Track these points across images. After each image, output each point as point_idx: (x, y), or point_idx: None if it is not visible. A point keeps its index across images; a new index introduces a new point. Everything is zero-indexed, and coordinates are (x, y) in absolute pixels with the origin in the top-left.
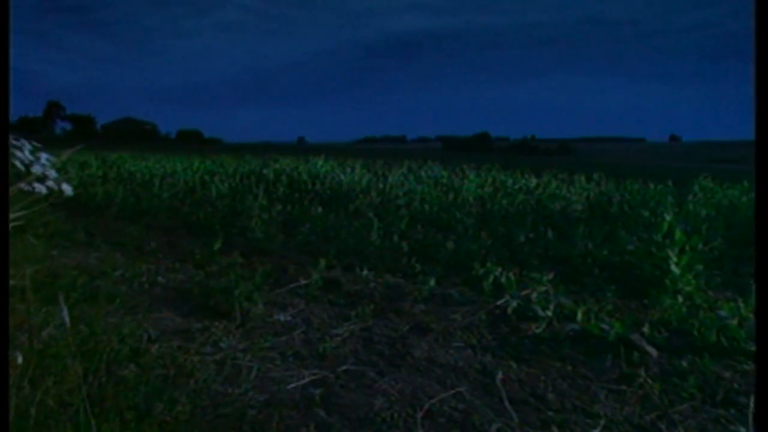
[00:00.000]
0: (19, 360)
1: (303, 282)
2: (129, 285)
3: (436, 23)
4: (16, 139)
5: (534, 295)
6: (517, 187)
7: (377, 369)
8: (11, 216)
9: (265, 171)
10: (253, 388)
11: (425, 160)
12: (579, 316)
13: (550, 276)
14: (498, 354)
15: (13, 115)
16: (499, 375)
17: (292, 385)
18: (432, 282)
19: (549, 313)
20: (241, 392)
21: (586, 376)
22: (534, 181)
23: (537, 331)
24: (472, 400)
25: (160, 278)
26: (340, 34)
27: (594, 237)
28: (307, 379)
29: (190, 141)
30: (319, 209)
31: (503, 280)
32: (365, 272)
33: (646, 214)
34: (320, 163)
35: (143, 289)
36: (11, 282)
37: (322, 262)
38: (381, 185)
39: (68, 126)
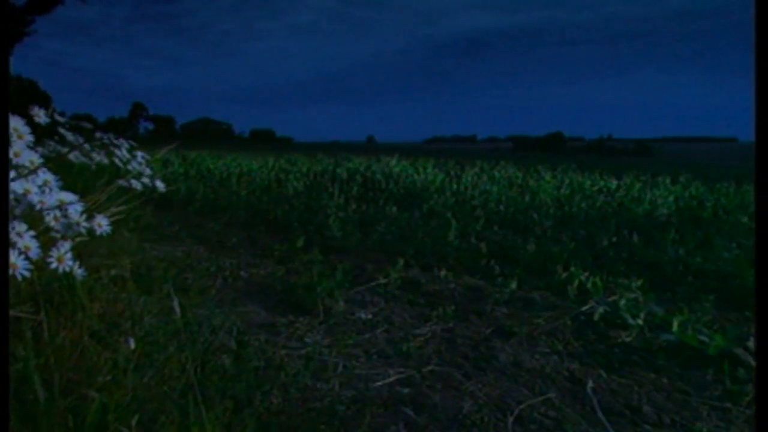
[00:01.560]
0: (132, 345)
1: (382, 281)
2: (214, 278)
3: (508, 20)
4: (116, 138)
5: (622, 302)
6: (596, 188)
7: (462, 371)
8: (114, 210)
9: (338, 170)
10: (341, 385)
11: (497, 161)
12: (675, 326)
13: (639, 282)
14: (586, 361)
15: (101, 115)
16: (590, 383)
17: (379, 383)
18: (513, 285)
19: (639, 322)
20: (329, 388)
21: (684, 390)
22: (614, 182)
23: (627, 339)
24: (563, 408)
25: (242, 273)
26: (410, 33)
27: (686, 243)
28: (393, 378)
29: (263, 140)
30: (394, 209)
31: (589, 285)
32: (444, 273)
33: (745, 219)
34: (393, 162)
35: (227, 283)
36: (113, 272)
37: (401, 262)
38: (455, 185)
39: (150, 126)
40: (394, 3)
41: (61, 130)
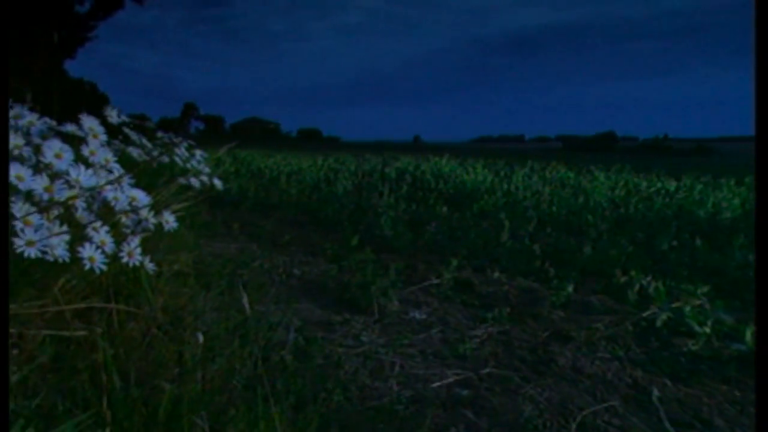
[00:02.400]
0: (201, 340)
1: (435, 281)
2: (268, 275)
3: (558, 17)
4: (176, 137)
5: (687, 309)
6: (653, 190)
7: (521, 374)
8: (176, 207)
9: (386, 169)
10: (398, 384)
11: (547, 161)
12: (747, 335)
13: (705, 289)
14: (649, 369)
15: (154, 115)
16: (655, 392)
17: (437, 384)
18: (569, 288)
19: (707, 330)
20: (388, 387)
21: None
22: (673, 184)
23: (693, 348)
24: (627, 416)
25: (295, 270)
26: (458, 31)
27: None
28: (450, 379)
29: (310, 139)
30: (444, 209)
31: (650, 290)
32: (497, 274)
33: None
34: (443, 162)
35: (281, 281)
36: (175, 267)
37: (454, 262)
38: (505, 185)
39: (201, 125)
40: (441, 2)
41: (126, 130)
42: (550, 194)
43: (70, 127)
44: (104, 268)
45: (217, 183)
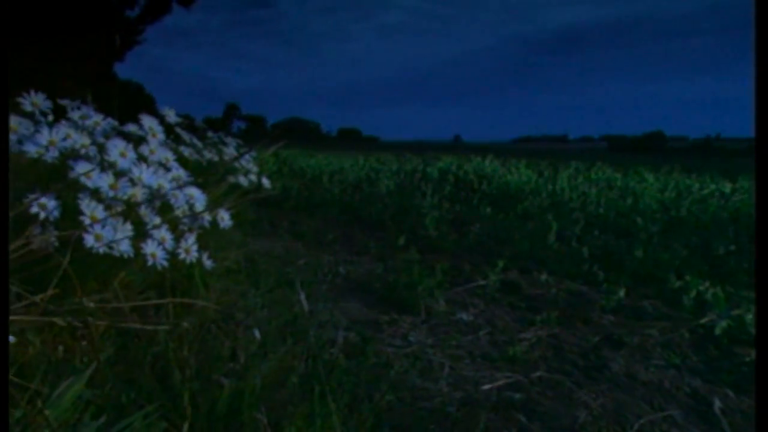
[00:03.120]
0: (258, 336)
1: (481, 282)
2: (314, 274)
3: (603, 13)
4: (225, 137)
5: (749, 317)
6: (706, 192)
7: (573, 379)
8: (227, 205)
9: (428, 169)
10: (448, 385)
11: (592, 161)
12: None
13: None
14: (709, 378)
15: (198, 116)
16: (717, 403)
17: (487, 386)
18: (621, 292)
19: None
20: (438, 388)
21: None
22: (728, 186)
23: None
24: (688, 427)
25: (340, 269)
26: (500, 29)
27: None
28: (501, 382)
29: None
30: (488, 209)
31: (708, 296)
32: (544, 276)
33: None
34: (487, 162)
35: (326, 279)
36: (226, 263)
37: (500, 263)
38: (550, 186)
39: (243, 125)
40: (483, 0)
41: (177, 129)
42: (596, 195)
43: (131, 127)
44: (165, 264)
45: (265, 182)
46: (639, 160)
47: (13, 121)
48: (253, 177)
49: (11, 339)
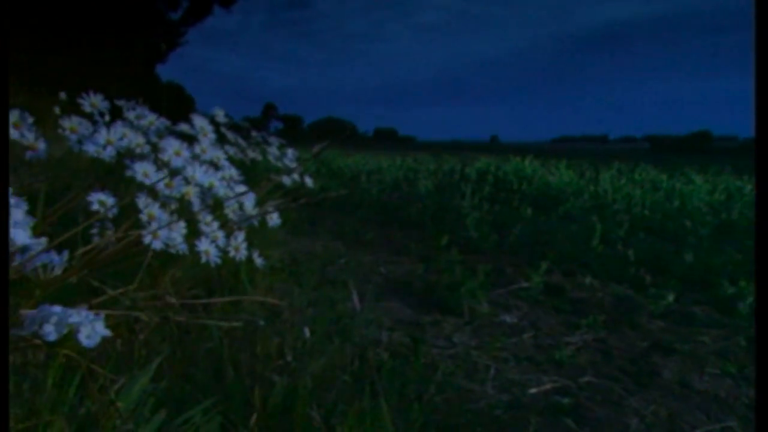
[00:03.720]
0: (307, 334)
1: (524, 284)
2: (354, 273)
3: (646, 10)
4: (269, 136)
5: None
6: None
7: (622, 385)
8: (273, 204)
9: (467, 170)
10: (494, 388)
11: (635, 162)
12: None
13: None
14: None
15: (236, 115)
16: None
17: (534, 390)
18: (670, 297)
19: None
20: (483, 390)
21: None
22: None
23: None
24: None
25: (381, 269)
26: (539, 28)
27: None
28: (548, 386)
29: (386, 139)
30: (529, 210)
31: None
32: (588, 279)
33: None
34: (526, 162)
35: (368, 279)
36: (270, 262)
37: (543, 266)
38: (592, 187)
39: (280, 125)
40: None
41: (222, 129)
42: (641, 197)
43: (183, 126)
44: (219, 261)
45: (308, 181)
46: (684, 161)
47: (74, 121)
48: (296, 176)
49: (107, 333)
